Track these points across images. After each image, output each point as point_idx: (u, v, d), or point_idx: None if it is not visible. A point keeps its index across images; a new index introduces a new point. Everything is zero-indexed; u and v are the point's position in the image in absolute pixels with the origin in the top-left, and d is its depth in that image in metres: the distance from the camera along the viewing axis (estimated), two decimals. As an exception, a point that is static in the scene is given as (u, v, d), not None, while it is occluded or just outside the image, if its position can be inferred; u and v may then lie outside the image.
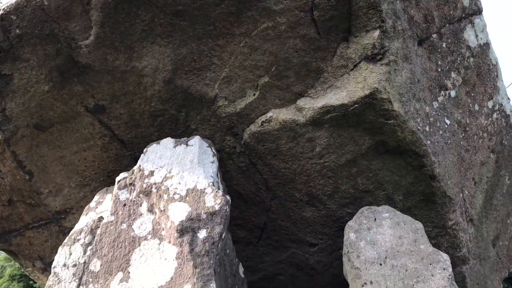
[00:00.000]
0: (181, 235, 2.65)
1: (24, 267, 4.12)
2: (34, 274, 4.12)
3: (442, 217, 3.37)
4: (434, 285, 2.70)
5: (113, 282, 2.61)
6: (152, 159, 3.02)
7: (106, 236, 2.79)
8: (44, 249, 3.83)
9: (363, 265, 2.81)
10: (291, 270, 3.63)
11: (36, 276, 4.13)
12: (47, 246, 3.79)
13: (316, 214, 3.45)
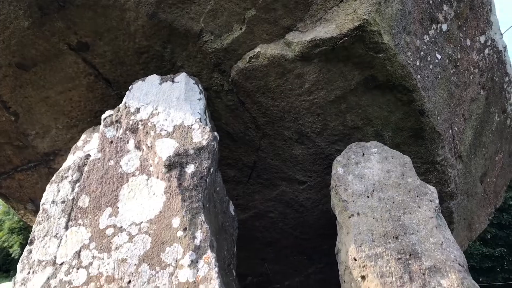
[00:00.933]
0: (169, 170, 2.64)
1: (16, 209, 4.15)
2: (27, 217, 4.16)
3: (431, 153, 3.38)
4: (421, 216, 2.74)
5: (102, 217, 2.63)
6: (138, 96, 2.97)
7: (93, 173, 2.78)
8: (34, 191, 3.84)
9: (351, 197, 2.84)
10: (281, 208, 3.68)
11: (29, 219, 4.17)
12: (38, 188, 3.80)
13: (305, 152, 3.45)
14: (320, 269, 4.03)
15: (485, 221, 4.33)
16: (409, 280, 2.43)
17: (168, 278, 2.38)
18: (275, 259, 3.96)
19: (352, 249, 2.60)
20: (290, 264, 4.00)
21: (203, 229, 2.50)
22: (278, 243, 3.84)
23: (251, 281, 4.12)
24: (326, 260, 3.92)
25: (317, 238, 3.77)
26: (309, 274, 4.09)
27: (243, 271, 3.97)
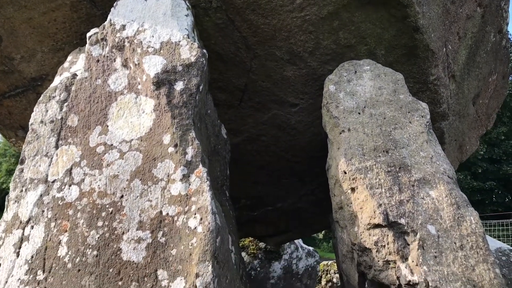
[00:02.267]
0: (157, 87, 2.60)
1: (8, 137, 4.13)
2: (18, 144, 4.14)
3: (424, 72, 3.34)
4: (412, 131, 2.75)
5: (92, 135, 2.61)
6: (123, 13, 2.87)
7: (81, 92, 2.74)
8: (24, 118, 3.80)
9: (342, 114, 2.83)
10: (273, 131, 3.68)
11: (20, 146, 4.15)
12: (27, 114, 3.74)
13: (297, 73, 3.39)
14: (312, 191, 4.10)
15: (476, 143, 4.37)
16: (398, 191, 2.47)
17: (161, 192, 2.40)
18: (268, 182, 4.02)
19: (342, 163, 2.61)
20: (282, 186, 4.06)
21: (194, 145, 2.50)
22: (270, 166, 3.87)
23: (244, 203, 4.19)
24: (317, 182, 3.98)
25: (308, 161, 3.80)
26: (301, 196, 4.17)
27: (236, 194, 4.03)
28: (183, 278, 2.18)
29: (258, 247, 6.68)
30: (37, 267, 2.32)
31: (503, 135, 21.84)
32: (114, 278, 2.22)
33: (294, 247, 6.99)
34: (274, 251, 6.73)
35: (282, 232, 5.04)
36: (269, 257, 6.71)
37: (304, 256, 7.07)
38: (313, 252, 7.25)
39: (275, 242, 5.63)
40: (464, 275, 2.22)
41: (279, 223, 4.70)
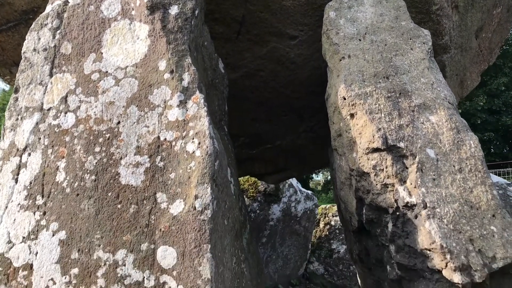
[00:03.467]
0: (151, 12, 2.52)
1: (2, 75, 4.06)
2: (13, 83, 4.09)
3: (427, 2, 3.24)
4: (413, 57, 2.69)
5: (87, 63, 2.56)
6: None
7: (74, 19, 2.66)
8: (18, 54, 3.72)
9: (342, 41, 2.76)
10: (272, 65, 3.61)
11: (16, 85, 4.09)
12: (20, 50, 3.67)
13: (296, 2, 3.28)
14: (311, 128, 4.08)
15: (477, 78, 4.31)
16: (398, 116, 2.44)
17: (158, 118, 2.38)
18: (266, 119, 3.99)
19: (341, 89, 2.57)
20: (281, 123, 4.03)
21: (190, 71, 2.45)
22: (269, 102, 3.83)
23: (243, 141, 4.18)
24: (317, 118, 3.95)
25: (308, 96, 3.76)
26: (300, 133, 4.16)
27: (235, 132, 4.02)
28: (182, 200, 2.19)
29: (258, 190, 6.75)
30: (36, 193, 2.33)
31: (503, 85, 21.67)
32: (113, 202, 2.23)
33: (293, 191, 7.06)
34: (273, 194, 6.81)
35: (281, 170, 5.07)
36: (268, 200, 6.79)
37: (303, 199, 7.16)
38: (311, 196, 7.34)
39: (274, 180, 5.67)
40: (462, 197, 2.23)
41: (278, 161, 4.71)
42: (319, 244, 7.79)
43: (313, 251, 7.76)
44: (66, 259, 2.16)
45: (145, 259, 2.12)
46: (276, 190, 6.81)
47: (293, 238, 7.14)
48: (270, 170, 4.97)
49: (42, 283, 2.14)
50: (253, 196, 6.71)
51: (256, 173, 5.09)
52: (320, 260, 7.67)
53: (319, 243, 7.80)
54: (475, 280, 2.08)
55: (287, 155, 4.51)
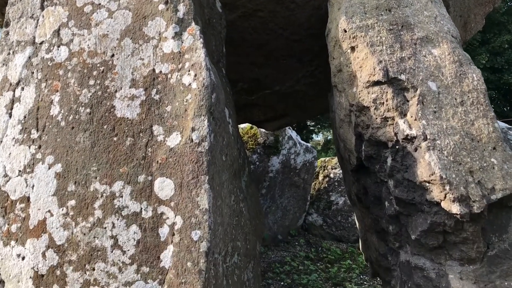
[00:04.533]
0: None
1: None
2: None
3: None
4: (416, -10, 2.59)
5: (78, -6, 2.47)
6: None
7: (63, -51, 2.54)
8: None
9: (343, -28, 2.66)
10: (271, 5, 3.49)
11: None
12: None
13: None
14: (311, 73, 4.01)
15: (481, 21, 4.19)
16: (399, 48, 2.38)
17: (152, 50, 2.31)
18: (265, 63, 3.91)
19: (342, 21, 2.50)
20: (280, 68, 3.96)
21: (185, 2, 2.37)
22: (268, 45, 3.74)
23: (242, 87, 4.12)
24: (316, 63, 3.87)
25: (308, 39, 3.67)
26: (299, 78, 4.09)
27: (234, 77, 3.95)
28: (179, 133, 2.16)
29: (257, 142, 6.73)
30: (31, 126, 2.29)
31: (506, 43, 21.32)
32: (109, 134, 2.20)
33: (293, 143, 7.04)
34: (272, 146, 6.79)
35: (280, 117, 5.03)
36: (268, 152, 6.78)
37: (302, 151, 7.15)
38: (311, 148, 7.33)
39: (273, 127, 5.64)
40: (463, 129, 2.20)
41: (277, 107, 4.66)
42: (318, 196, 7.85)
43: (312, 203, 7.82)
44: (62, 192, 2.15)
45: (142, 191, 2.11)
46: (275, 142, 6.79)
47: (292, 190, 7.18)
48: (269, 116, 4.92)
49: (39, 215, 2.14)
50: (252, 148, 6.70)
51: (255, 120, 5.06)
52: (319, 212, 7.74)
53: (318, 195, 7.86)
54: (473, 210, 2.08)
55: (286, 101, 4.45)
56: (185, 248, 2.03)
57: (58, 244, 2.09)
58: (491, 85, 21.43)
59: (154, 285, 2.02)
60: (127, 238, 2.06)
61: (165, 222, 2.07)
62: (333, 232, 7.60)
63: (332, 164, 7.88)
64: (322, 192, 7.84)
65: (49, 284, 2.06)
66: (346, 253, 7.00)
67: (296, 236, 7.49)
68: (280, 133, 6.91)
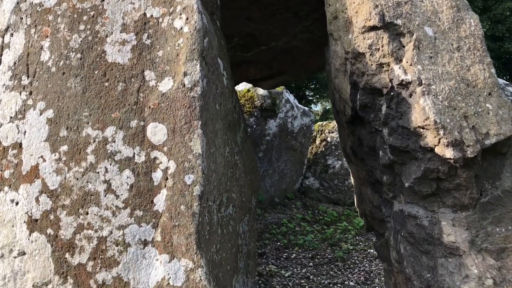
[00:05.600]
0: None
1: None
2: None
3: None
4: None
5: None
6: None
7: None
8: None
9: None
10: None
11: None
12: None
13: None
14: (307, 28, 3.94)
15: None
16: (396, -7, 2.32)
17: (143, -6, 2.26)
18: (261, 18, 3.84)
19: (338, -34, 2.44)
20: (276, 23, 3.89)
21: None
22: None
23: (237, 42, 4.07)
24: (313, 17, 3.80)
25: (304, -9, 3.59)
26: (295, 34, 4.02)
27: (229, 32, 3.89)
28: (171, 78, 2.13)
29: (254, 105, 6.70)
30: (21, 73, 2.26)
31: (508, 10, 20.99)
32: (100, 80, 2.17)
33: (290, 106, 7.01)
34: (269, 109, 6.76)
35: (276, 75, 4.98)
36: (265, 115, 6.76)
37: (299, 115, 7.13)
38: (308, 112, 7.30)
39: (270, 85, 5.61)
40: (459, 74, 2.17)
41: (273, 64, 4.61)
42: (315, 160, 7.87)
43: (308, 167, 7.86)
44: (54, 137, 2.14)
45: (135, 136, 2.10)
46: (272, 106, 6.76)
47: (289, 153, 7.19)
48: (265, 74, 4.87)
49: (32, 161, 2.13)
50: (249, 111, 6.68)
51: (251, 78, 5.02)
52: (315, 176, 7.79)
53: (315, 159, 7.88)
54: (467, 155, 2.07)
55: (282, 58, 4.40)
56: (179, 192, 2.03)
57: (51, 189, 2.09)
58: (491, 54, 21.03)
59: (147, 228, 2.03)
60: (120, 183, 2.06)
61: (158, 166, 2.07)
62: (329, 196, 7.66)
63: (329, 128, 7.87)
64: (319, 156, 7.86)
65: (43, 228, 2.07)
66: (342, 215, 7.08)
67: (293, 199, 7.56)
68: (278, 96, 6.88)
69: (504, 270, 2.20)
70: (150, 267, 2.00)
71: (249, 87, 6.81)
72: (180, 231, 1.99)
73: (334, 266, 5.21)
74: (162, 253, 1.99)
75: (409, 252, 2.45)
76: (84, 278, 2.01)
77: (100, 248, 2.02)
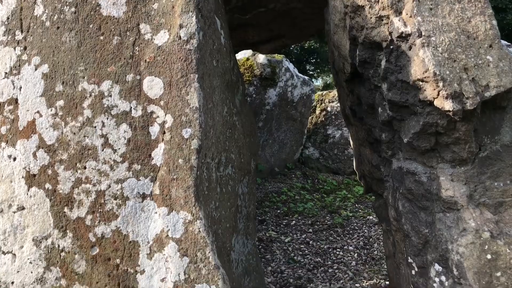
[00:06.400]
0: None
1: None
2: None
3: None
4: None
5: None
6: None
7: None
8: None
9: None
10: None
11: None
12: None
13: None
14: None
15: None
16: None
17: None
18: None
19: None
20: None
21: None
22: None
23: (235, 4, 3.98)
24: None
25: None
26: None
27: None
28: (166, 31, 2.10)
29: (254, 74, 6.64)
30: (15, 28, 2.23)
31: (509, -9, 20.65)
32: (95, 33, 2.14)
33: (290, 75, 6.96)
34: (269, 78, 6.71)
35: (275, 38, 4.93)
36: (264, 84, 6.71)
37: (299, 84, 7.08)
38: (308, 81, 7.25)
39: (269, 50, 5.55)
40: (459, 26, 2.14)
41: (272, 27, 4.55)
42: (314, 130, 7.86)
43: (308, 137, 7.84)
44: (50, 92, 2.12)
45: (131, 90, 2.08)
46: (272, 74, 6.71)
47: (289, 123, 7.17)
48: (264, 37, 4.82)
49: (28, 116, 2.12)
50: (249, 80, 6.63)
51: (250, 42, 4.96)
52: (315, 145, 7.78)
53: (314, 129, 7.86)
54: (466, 107, 2.06)
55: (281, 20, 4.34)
56: (176, 145, 2.02)
57: (48, 144, 2.09)
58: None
59: (146, 182, 2.03)
60: (118, 137, 2.05)
61: (155, 120, 2.06)
62: (329, 165, 7.67)
63: (330, 97, 7.83)
64: (319, 125, 7.84)
65: (41, 183, 2.08)
66: (342, 184, 7.10)
67: (292, 169, 7.57)
68: (277, 65, 6.81)
69: (501, 223, 2.21)
70: (149, 220, 2.01)
71: (248, 56, 6.75)
72: (178, 184, 1.99)
73: (333, 232, 5.26)
74: (161, 206, 2.00)
75: (407, 209, 2.46)
76: (83, 232, 2.02)
77: (99, 202, 2.03)
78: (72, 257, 2.02)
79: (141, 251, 1.99)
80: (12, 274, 2.06)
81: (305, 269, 4.26)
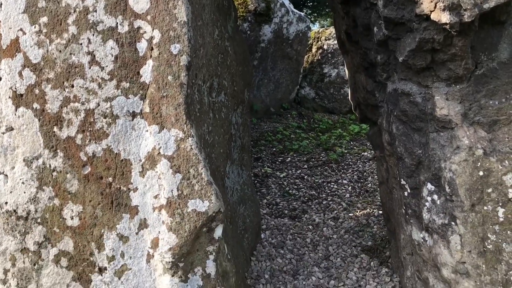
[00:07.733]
0: None
1: None
2: None
3: None
4: None
5: None
6: None
7: None
8: None
9: None
10: None
11: None
12: None
13: None
14: None
15: None
16: None
17: None
18: None
19: None
20: None
21: None
22: None
23: None
24: None
25: None
26: None
27: None
28: None
29: (248, 9, 6.45)
30: None
31: None
32: None
33: (285, 11, 6.76)
34: (264, 13, 6.52)
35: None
36: (259, 20, 6.53)
37: (295, 20, 6.89)
38: (304, 17, 7.05)
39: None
40: None
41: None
42: (310, 69, 7.74)
43: (304, 76, 7.74)
44: (33, 8, 2.03)
45: (117, 4, 2.00)
46: (267, 10, 6.51)
47: (285, 62, 7.05)
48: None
49: (11, 34, 2.05)
50: (243, 16, 6.44)
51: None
52: (311, 85, 7.69)
53: (311, 68, 7.74)
54: (464, 20, 1.99)
55: None
56: (165, 62, 1.97)
57: (34, 62, 2.03)
58: None
59: (135, 100, 1.99)
60: (105, 54, 1.99)
61: (142, 36, 1.99)
62: (325, 105, 7.62)
63: (326, 35, 7.66)
64: (315, 64, 7.72)
65: (29, 103, 2.04)
66: (337, 123, 7.08)
67: (288, 109, 7.52)
68: (272, 0, 6.60)
69: (494, 141, 2.20)
70: (140, 138, 1.99)
71: (242, -10, 6.53)
72: (168, 102, 1.96)
73: (328, 167, 5.29)
74: (152, 124, 1.97)
75: (401, 131, 2.45)
76: (74, 151, 2.01)
77: (88, 120, 2.00)
78: (64, 176, 2.01)
79: (133, 169, 1.98)
80: (5, 194, 2.05)
81: (300, 202, 4.32)
